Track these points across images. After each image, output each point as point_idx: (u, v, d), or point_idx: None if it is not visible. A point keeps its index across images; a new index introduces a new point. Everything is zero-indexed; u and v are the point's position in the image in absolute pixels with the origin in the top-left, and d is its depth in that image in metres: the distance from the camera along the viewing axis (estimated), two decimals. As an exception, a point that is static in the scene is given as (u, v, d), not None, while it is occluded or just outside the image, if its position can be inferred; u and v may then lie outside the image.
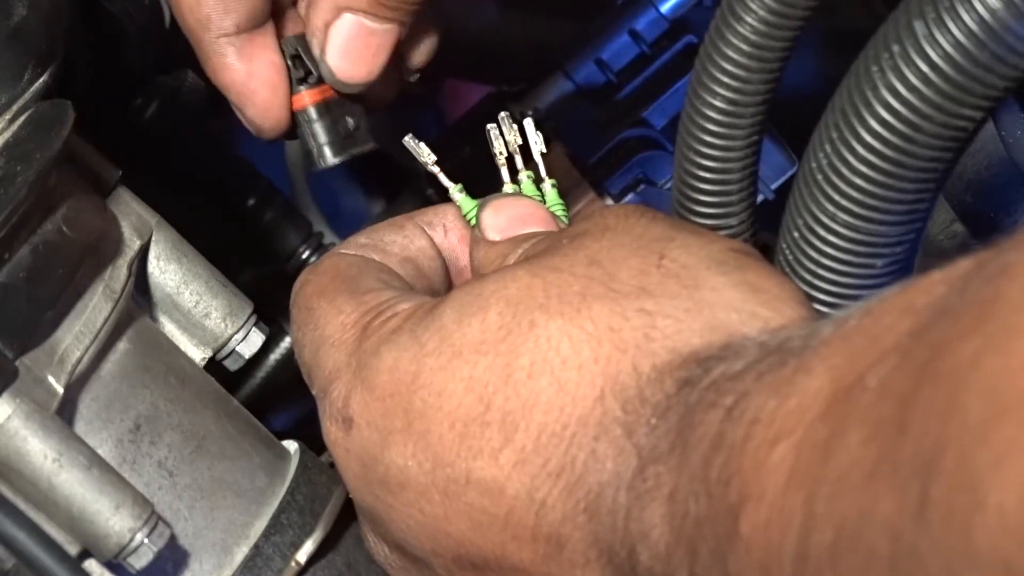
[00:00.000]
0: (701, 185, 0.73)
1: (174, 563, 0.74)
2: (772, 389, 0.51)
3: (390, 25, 0.78)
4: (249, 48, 0.79)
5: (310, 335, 0.70)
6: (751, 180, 0.73)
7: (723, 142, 0.72)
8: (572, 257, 0.63)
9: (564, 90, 1.17)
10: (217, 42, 0.79)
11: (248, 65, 0.79)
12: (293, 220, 1.04)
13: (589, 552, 0.58)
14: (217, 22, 0.78)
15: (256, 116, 0.80)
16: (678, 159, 0.74)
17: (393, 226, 0.75)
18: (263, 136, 0.82)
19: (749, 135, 0.72)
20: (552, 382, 0.59)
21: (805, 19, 0.69)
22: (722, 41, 0.70)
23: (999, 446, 0.38)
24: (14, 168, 0.69)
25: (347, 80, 0.80)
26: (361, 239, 0.74)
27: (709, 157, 0.72)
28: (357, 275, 0.71)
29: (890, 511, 0.41)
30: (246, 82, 0.80)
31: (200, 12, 0.78)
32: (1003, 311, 0.40)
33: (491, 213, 0.70)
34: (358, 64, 0.79)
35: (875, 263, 0.67)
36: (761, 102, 0.71)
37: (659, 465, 0.55)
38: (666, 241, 0.63)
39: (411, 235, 0.74)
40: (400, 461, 0.63)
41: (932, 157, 0.64)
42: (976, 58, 0.61)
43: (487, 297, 0.62)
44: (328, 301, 0.70)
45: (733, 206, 0.73)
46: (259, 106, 0.80)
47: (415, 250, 0.73)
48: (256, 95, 0.80)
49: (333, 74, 0.79)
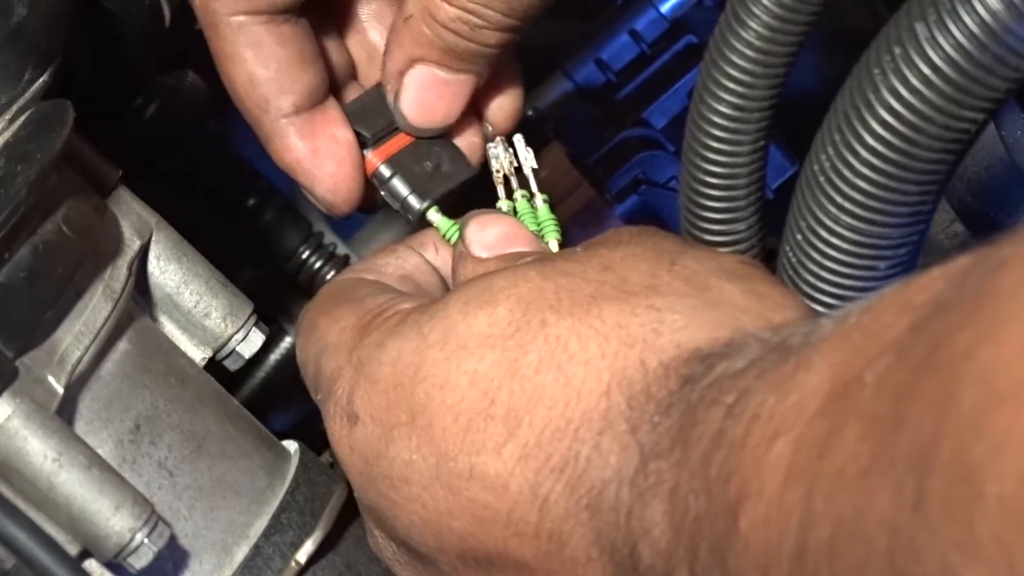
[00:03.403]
0: (708, 191, 0.73)
1: (174, 563, 0.74)
2: (772, 385, 0.51)
3: (465, 76, 0.77)
4: (310, 126, 0.78)
5: (313, 350, 0.70)
6: (758, 185, 0.73)
7: (730, 147, 0.72)
8: (586, 263, 0.63)
9: (564, 90, 1.17)
10: (277, 123, 0.78)
11: (311, 143, 0.78)
12: (293, 220, 1.04)
13: (591, 550, 0.58)
14: (275, 103, 0.77)
15: (327, 192, 0.79)
16: (685, 165, 0.74)
17: (385, 251, 0.76)
18: (337, 213, 0.80)
19: (755, 140, 0.72)
20: (558, 377, 0.60)
21: (809, 24, 0.69)
22: (727, 47, 0.70)
23: (995, 436, 0.38)
24: (14, 168, 0.69)
25: (422, 126, 0.78)
26: (356, 266, 0.75)
27: (716, 163, 0.72)
28: (354, 289, 0.72)
29: (887, 506, 0.41)
30: (311, 160, 0.78)
31: (256, 94, 0.77)
32: (997, 301, 0.40)
33: (476, 229, 0.70)
34: (433, 112, 0.78)
35: (878, 265, 0.67)
36: (767, 107, 0.71)
37: (661, 462, 0.55)
38: (677, 252, 0.63)
39: (404, 256, 0.74)
40: (404, 456, 0.63)
41: (934, 159, 0.64)
42: (977, 60, 0.61)
43: (496, 292, 0.62)
44: (326, 315, 0.70)
45: (740, 211, 0.73)
46: (327, 182, 0.78)
47: (411, 268, 0.74)
48: (322, 171, 0.78)
49: (407, 121, 0.78)
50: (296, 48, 0.77)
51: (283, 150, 0.78)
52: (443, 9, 0.74)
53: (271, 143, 0.78)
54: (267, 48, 0.76)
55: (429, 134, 0.79)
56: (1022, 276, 0.39)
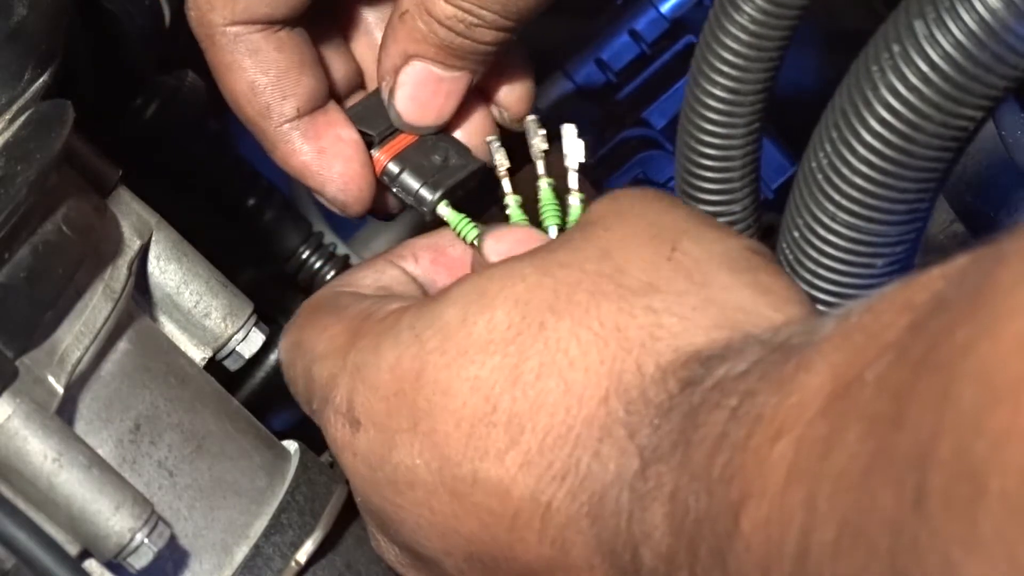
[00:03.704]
0: (704, 173, 0.73)
1: (174, 563, 0.74)
2: (774, 386, 0.51)
3: (459, 73, 0.76)
4: (314, 129, 0.78)
5: (301, 363, 0.70)
6: (753, 167, 0.73)
7: (724, 130, 0.72)
8: (583, 251, 0.62)
9: (564, 90, 1.17)
10: (281, 129, 0.78)
11: (316, 145, 0.78)
12: (293, 220, 1.04)
13: (593, 558, 0.58)
14: (277, 109, 0.77)
15: (338, 192, 0.78)
16: (680, 147, 0.74)
17: (362, 265, 0.76)
18: (351, 213, 0.80)
19: (750, 123, 0.72)
20: (560, 383, 0.60)
21: (803, 7, 0.69)
22: (721, 30, 0.70)
23: (995, 432, 0.37)
24: (14, 168, 0.69)
25: (416, 124, 0.78)
26: (333, 282, 0.75)
27: (711, 145, 0.72)
28: (334, 300, 0.71)
29: (889, 505, 0.41)
30: (318, 162, 0.78)
31: (258, 102, 0.77)
32: (994, 297, 0.40)
33: (493, 242, 0.70)
34: (427, 109, 0.78)
35: (875, 263, 0.67)
36: (761, 90, 0.71)
37: (660, 465, 0.55)
38: (679, 232, 0.63)
39: (382, 268, 0.74)
40: (408, 461, 0.63)
41: (932, 157, 0.64)
42: (976, 58, 0.61)
43: (493, 296, 0.62)
44: (311, 327, 0.70)
45: (736, 192, 0.73)
46: (337, 182, 0.78)
47: (388, 280, 0.73)
48: (331, 171, 0.78)
49: (401, 118, 0.78)
50: (295, 53, 0.77)
51: (290, 155, 0.78)
52: (439, 5, 0.73)
53: (277, 149, 0.78)
54: (265, 55, 0.76)
55: (423, 132, 0.79)
56: (1019, 272, 0.39)
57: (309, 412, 0.71)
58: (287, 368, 0.72)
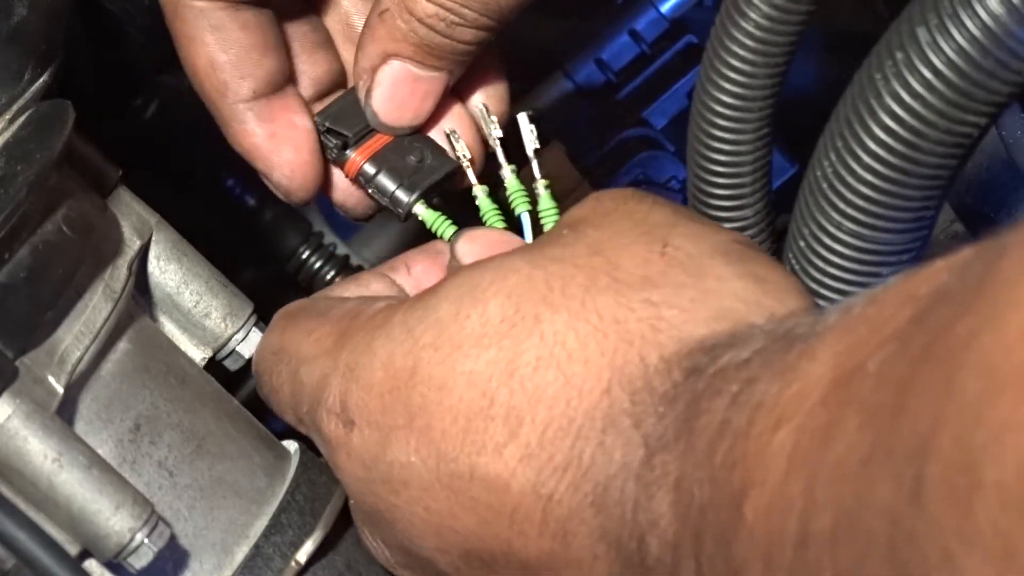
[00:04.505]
0: (714, 179, 0.73)
1: (174, 563, 0.74)
2: (776, 374, 0.51)
3: (437, 73, 0.76)
4: (268, 111, 0.78)
5: (286, 370, 0.69)
6: (764, 171, 0.73)
7: (734, 136, 0.72)
8: (573, 247, 0.62)
9: (564, 90, 1.17)
10: (235, 107, 0.77)
11: (268, 128, 0.78)
12: (293, 220, 1.04)
13: (597, 547, 0.58)
14: (234, 88, 0.77)
15: (283, 178, 0.78)
16: (691, 153, 0.74)
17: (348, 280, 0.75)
18: (294, 200, 0.79)
19: (759, 128, 0.72)
20: (558, 376, 0.59)
21: (809, 12, 0.69)
22: (728, 37, 0.70)
23: (995, 423, 0.37)
24: (14, 168, 0.69)
25: (392, 124, 0.78)
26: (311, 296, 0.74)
27: (721, 151, 0.72)
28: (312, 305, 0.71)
29: (887, 495, 0.41)
30: (268, 145, 0.78)
31: (216, 78, 0.77)
32: (996, 288, 0.40)
33: (465, 243, 0.70)
34: (404, 110, 0.77)
35: (881, 271, 0.67)
36: (769, 95, 0.71)
37: (666, 454, 0.55)
38: (668, 228, 0.63)
39: (366, 281, 0.74)
40: (403, 458, 0.63)
41: (937, 164, 0.64)
42: (980, 64, 0.61)
43: (485, 289, 0.62)
44: (293, 331, 0.70)
45: (747, 197, 0.73)
46: (284, 168, 0.78)
47: (372, 291, 0.73)
48: (279, 157, 0.78)
49: (378, 118, 0.77)
50: (258, 34, 0.77)
51: (240, 134, 0.78)
52: (420, 3, 0.73)
53: (229, 127, 0.78)
54: (228, 33, 0.76)
55: (399, 132, 0.78)
56: (1022, 265, 0.39)
57: (294, 420, 0.70)
58: (268, 377, 0.71)
